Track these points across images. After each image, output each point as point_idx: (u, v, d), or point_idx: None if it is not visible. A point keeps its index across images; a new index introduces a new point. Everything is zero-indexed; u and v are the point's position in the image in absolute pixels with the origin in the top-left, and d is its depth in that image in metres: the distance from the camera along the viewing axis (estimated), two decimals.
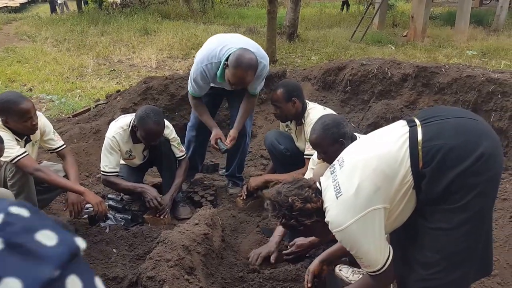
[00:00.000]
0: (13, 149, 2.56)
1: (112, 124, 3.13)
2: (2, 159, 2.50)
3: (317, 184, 1.84)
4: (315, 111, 3.02)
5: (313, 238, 2.45)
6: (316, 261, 2.20)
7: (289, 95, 2.99)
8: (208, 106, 3.29)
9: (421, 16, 10.94)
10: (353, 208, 1.61)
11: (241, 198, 3.27)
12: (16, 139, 2.65)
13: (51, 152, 2.99)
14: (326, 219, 1.71)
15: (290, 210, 1.77)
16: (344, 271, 2.42)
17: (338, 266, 2.45)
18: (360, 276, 2.21)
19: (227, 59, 2.84)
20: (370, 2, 13.57)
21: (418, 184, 1.59)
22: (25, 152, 2.61)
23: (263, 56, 3.02)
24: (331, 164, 1.86)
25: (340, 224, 1.64)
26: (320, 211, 1.75)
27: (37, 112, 2.80)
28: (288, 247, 2.62)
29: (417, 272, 1.67)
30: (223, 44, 2.93)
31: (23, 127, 2.61)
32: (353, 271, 2.39)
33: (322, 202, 1.76)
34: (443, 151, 1.53)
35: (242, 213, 3.17)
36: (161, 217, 3.04)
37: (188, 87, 3.19)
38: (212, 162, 4.10)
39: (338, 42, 10.86)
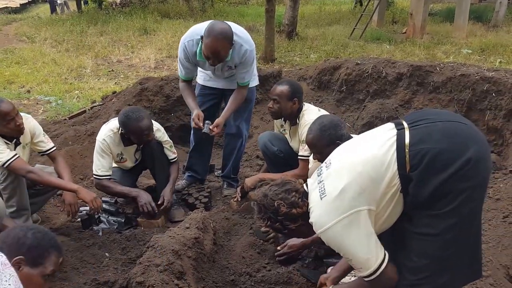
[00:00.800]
0: (3, 153, 2.57)
1: (103, 126, 3.13)
2: None
3: (304, 186, 1.84)
4: (310, 112, 3.03)
5: (305, 239, 2.45)
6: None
7: (293, 95, 2.99)
8: (206, 107, 3.29)
9: (420, 12, 10.89)
10: (336, 209, 1.61)
11: (235, 199, 3.27)
12: (6, 143, 2.65)
13: (42, 155, 2.99)
14: (310, 220, 1.71)
15: (276, 214, 1.77)
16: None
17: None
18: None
19: None
20: None
21: (405, 188, 1.59)
22: (15, 155, 2.62)
23: (246, 41, 2.99)
24: (319, 166, 1.86)
25: (323, 224, 1.64)
26: (306, 215, 1.75)
27: (26, 115, 2.81)
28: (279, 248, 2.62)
29: (405, 277, 1.66)
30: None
31: (8, 130, 2.61)
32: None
33: (308, 205, 1.76)
34: (430, 154, 1.53)
35: (235, 215, 3.16)
36: (164, 213, 3.06)
37: (178, 70, 3.21)
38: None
39: (337, 39, 10.81)
